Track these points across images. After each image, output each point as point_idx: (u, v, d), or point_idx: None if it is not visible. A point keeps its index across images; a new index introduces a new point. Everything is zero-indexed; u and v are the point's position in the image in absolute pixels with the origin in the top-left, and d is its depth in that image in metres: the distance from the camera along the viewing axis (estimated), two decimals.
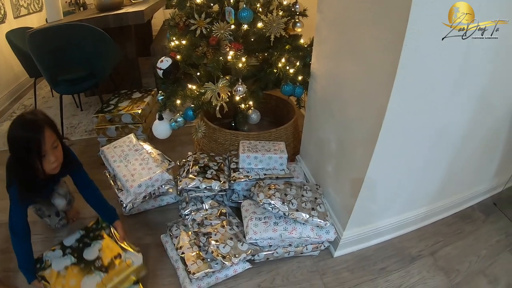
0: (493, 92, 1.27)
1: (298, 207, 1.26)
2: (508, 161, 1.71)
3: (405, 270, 1.42)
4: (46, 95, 2.89)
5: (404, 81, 0.95)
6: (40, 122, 1.07)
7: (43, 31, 1.94)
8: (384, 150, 1.10)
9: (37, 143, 1.06)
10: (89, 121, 2.35)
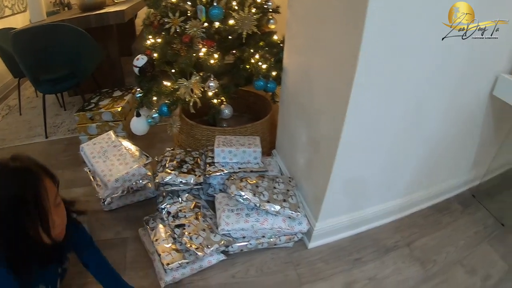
0: (464, 82, 1.34)
1: (270, 198, 1.34)
2: (484, 153, 1.80)
3: (380, 261, 1.50)
4: (31, 96, 2.98)
5: (365, 72, 1.03)
6: (35, 169, 0.83)
7: (26, 31, 2.04)
8: (349, 141, 1.18)
9: (37, 200, 0.79)
10: (72, 120, 2.43)
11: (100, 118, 1.96)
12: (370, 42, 0.97)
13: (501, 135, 1.73)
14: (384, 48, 1.02)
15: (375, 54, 1.01)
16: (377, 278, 1.42)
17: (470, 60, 1.27)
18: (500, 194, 1.96)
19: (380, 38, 0.99)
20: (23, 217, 0.78)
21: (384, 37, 1.00)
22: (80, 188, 1.79)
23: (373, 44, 0.98)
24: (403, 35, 1.03)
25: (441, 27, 1.10)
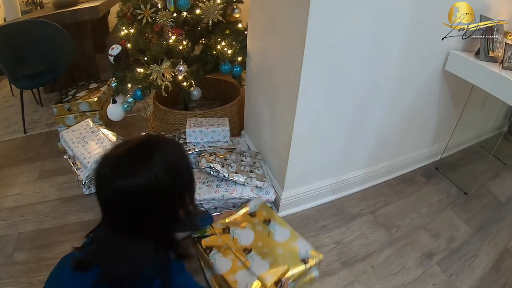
0: (418, 58, 1.56)
1: (237, 169, 1.55)
2: (445, 127, 2.05)
3: (346, 227, 1.72)
4: (6, 95, 3.12)
5: (313, 48, 1.23)
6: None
7: (3, 28, 2.24)
8: (304, 113, 1.40)
9: (190, 168, 0.82)
10: (50, 115, 2.60)
11: (77, 109, 2.13)
12: (315, 21, 1.18)
13: (459, 109, 1.97)
14: (330, 26, 1.23)
15: (321, 32, 1.22)
16: (343, 242, 1.64)
17: (423, 38, 1.50)
18: (463, 166, 2.22)
19: (326, 16, 1.19)
20: (178, 183, 0.79)
21: (331, 16, 1.20)
22: (61, 176, 1.98)
23: (318, 23, 1.19)
24: (349, 12, 1.23)
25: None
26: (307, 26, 1.18)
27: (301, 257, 1.30)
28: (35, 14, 2.67)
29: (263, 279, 1.18)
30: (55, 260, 1.50)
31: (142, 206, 0.75)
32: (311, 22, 1.18)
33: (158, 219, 0.79)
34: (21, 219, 1.72)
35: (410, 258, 1.59)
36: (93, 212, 1.74)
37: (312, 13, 1.16)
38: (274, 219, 1.45)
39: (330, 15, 1.20)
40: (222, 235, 1.34)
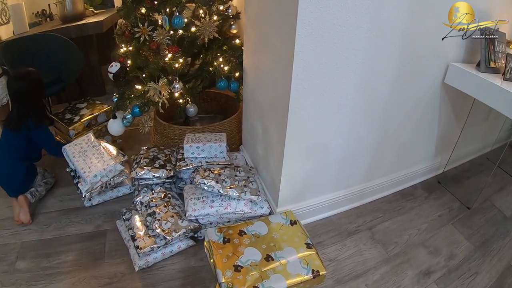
0: (416, 70, 1.55)
1: (231, 184, 1.59)
2: (447, 140, 2.03)
3: (342, 244, 1.72)
4: None
5: (302, 65, 1.25)
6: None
7: (15, 41, 2.40)
8: (295, 130, 1.42)
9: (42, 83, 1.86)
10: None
11: (96, 122, 2.19)
12: (304, 38, 1.20)
13: (461, 122, 1.95)
14: (320, 41, 1.23)
15: (310, 49, 1.23)
16: (338, 259, 1.65)
17: (421, 51, 1.50)
18: (467, 179, 2.19)
19: (315, 32, 1.20)
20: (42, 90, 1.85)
21: (319, 31, 1.21)
22: (63, 188, 2.04)
23: (307, 40, 1.20)
24: (340, 27, 1.24)
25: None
26: (294, 44, 1.21)
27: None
28: (44, 26, 2.78)
29: None
30: (54, 270, 1.60)
31: (23, 95, 1.76)
32: (299, 39, 1.20)
33: (28, 101, 1.78)
34: (24, 229, 1.80)
35: (407, 276, 1.59)
36: (93, 225, 1.81)
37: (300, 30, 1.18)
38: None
39: (319, 30, 1.22)
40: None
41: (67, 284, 1.52)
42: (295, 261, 1.41)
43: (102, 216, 1.85)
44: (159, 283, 1.54)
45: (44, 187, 1.93)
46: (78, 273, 1.58)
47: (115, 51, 2.74)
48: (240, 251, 1.44)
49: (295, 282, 1.35)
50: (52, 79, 2.41)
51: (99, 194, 1.88)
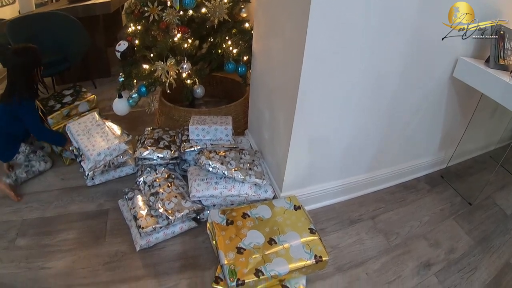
0: (425, 63, 1.53)
1: (236, 166, 1.58)
2: (452, 135, 2.01)
3: (344, 231, 1.71)
4: None
5: (313, 50, 1.24)
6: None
7: (21, 19, 2.37)
8: (303, 116, 1.41)
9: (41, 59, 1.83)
10: None
11: (77, 111, 2.11)
12: (316, 23, 1.18)
13: (467, 117, 1.93)
14: (331, 28, 1.22)
15: (321, 35, 1.22)
16: (340, 247, 1.65)
17: (430, 43, 1.48)
18: (470, 176, 2.18)
19: (327, 18, 1.19)
20: (37, 68, 1.80)
21: (331, 18, 1.20)
22: (66, 167, 2.03)
23: (318, 26, 1.19)
24: (350, 15, 1.22)
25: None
26: (307, 28, 1.19)
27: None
28: (50, 7, 2.75)
29: None
30: (55, 247, 1.58)
31: (18, 69, 1.76)
32: (311, 24, 1.18)
33: (22, 76, 1.77)
34: (25, 206, 1.79)
35: (407, 267, 1.58)
36: (95, 204, 1.79)
37: (312, 14, 1.17)
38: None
39: (330, 17, 1.20)
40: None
41: (67, 262, 1.51)
42: (298, 245, 1.40)
43: (104, 196, 1.83)
44: (159, 263, 1.52)
45: (24, 169, 1.89)
46: (79, 252, 1.56)
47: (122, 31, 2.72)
48: (243, 233, 1.42)
49: (298, 267, 1.33)
50: (57, 59, 2.39)
51: (101, 174, 1.86)
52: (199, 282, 1.45)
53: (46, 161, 1.96)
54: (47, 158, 1.97)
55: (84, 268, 1.49)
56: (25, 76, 1.76)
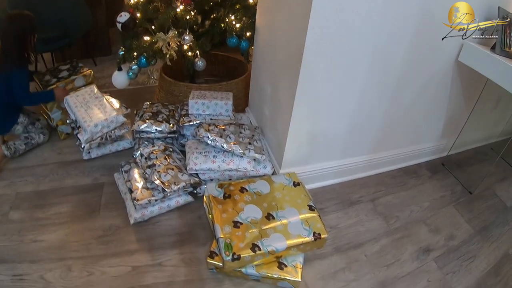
0: (430, 46, 1.49)
1: (236, 140, 1.53)
2: (455, 122, 1.99)
3: (343, 212, 1.69)
4: None
5: (317, 23, 1.20)
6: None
7: None
8: (306, 89, 1.37)
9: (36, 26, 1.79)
10: None
11: (73, 86, 2.02)
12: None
13: (471, 105, 1.91)
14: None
15: (327, 8, 1.18)
16: (339, 227, 1.62)
17: (438, 25, 1.44)
18: (471, 166, 2.15)
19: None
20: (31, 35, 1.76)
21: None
22: (63, 141, 1.99)
23: (324, 4, 1.16)
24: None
25: None
26: (311, 3, 1.16)
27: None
28: None
29: None
30: (48, 221, 1.54)
31: (12, 35, 1.72)
32: None
33: (16, 42, 1.72)
34: (20, 180, 1.75)
35: (407, 251, 1.55)
36: (90, 177, 1.76)
37: None
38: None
39: None
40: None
41: (59, 235, 1.48)
42: (296, 221, 1.36)
43: (100, 169, 1.80)
44: (154, 237, 1.49)
45: (23, 141, 1.84)
46: (72, 225, 1.53)
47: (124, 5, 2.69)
48: (241, 207, 1.39)
49: (296, 243, 1.30)
50: (57, 34, 2.34)
51: (98, 147, 1.81)
52: (193, 257, 1.42)
53: (44, 134, 1.92)
54: (45, 131, 1.93)
55: (77, 242, 1.46)
56: (18, 43, 1.71)
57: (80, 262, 1.38)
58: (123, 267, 1.37)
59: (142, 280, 1.33)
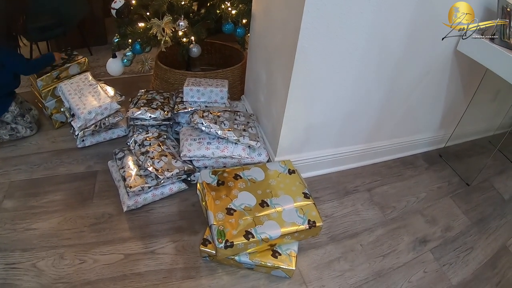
0: (428, 34, 1.46)
1: (230, 127, 1.51)
2: (453, 113, 1.96)
3: (339, 201, 1.67)
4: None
5: (314, 6, 1.16)
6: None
7: None
8: (301, 74, 1.34)
9: None
10: None
11: (67, 74, 1.97)
12: None
13: (469, 95, 1.88)
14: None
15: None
16: (334, 216, 1.59)
17: (437, 13, 1.41)
18: (468, 158, 2.13)
19: None
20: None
21: None
22: (57, 130, 1.96)
23: None
24: None
25: None
26: None
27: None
28: None
29: None
30: (41, 209, 1.51)
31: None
32: None
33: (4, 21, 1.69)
34: (13, 169, 1.72)
35: (403, 241, 1.54)
36: (84, 165, 1.73)
37: None
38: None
39: None
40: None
41: (52, 223, 1.46)
42: (291, 209, 1.34)
43: (94, 157, 1.77)
44: (147, 225, 1.47)
45: (8, 131, 1.80)
46: (65, 213, 1.50)
47: None
48: (234, 194, 1.36)
49: (290, 231, 1.27)
50: (52, 22, 2.31)
51: (92, 135, 1.79)
52: (186, 245, 1.40)
53: (32, 129, 1.87)
54: (34, 126, 1.88)
55: (69, 230, 1.44)
56: (7, 23, 1.69)
57: (73, 250, 1.36)
58: (116, 254, 1.35)
59: (135, 268, 1.31)
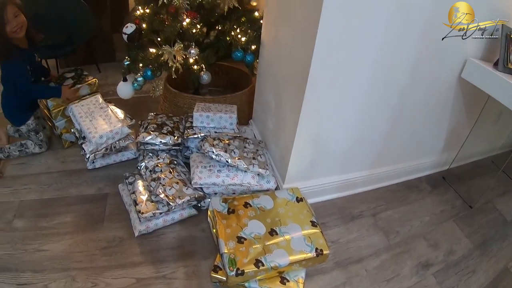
0: (433, 62, 1.50)
1: (240, 155, 1.54)
2: (456, 137, 1.99)
3: (345, 227, 1.69)
4: None
5: (324, 40, 1.21)
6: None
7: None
8: (311, 105, 1.37)
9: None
10: None
11: (78, 95, 1.97)
12: (329, 14, 1.15)
13: (472, 120, 1.91)
14: (343, 21, 1.20)
15: (333, 27, 1.19)
16: (340, 242, 1.62)
17: (441, 41, 1.44)
18: (471, 179, 2.16)
19: (340, 9, 1.17)
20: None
21: (344, 11, 1.17)
22: (67, 149, 1.99)
23: (331, 17, 1.16)
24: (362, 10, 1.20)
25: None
26: (320, 17, 1.16)
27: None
28: None
29: None
30: (52, 230, 1.54)
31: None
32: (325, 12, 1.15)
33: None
34: (23, 188, 1.75)
35: (406, 265, 1.56)
36: (94, 188, 1.76)
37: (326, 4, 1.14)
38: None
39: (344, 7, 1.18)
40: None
41: (63, 245, 1.48)
42: (299, 237, 1.37)
43: (104, 180, 1.80)
44: (158, 250, 1.49)
45: (18, 147, 1.86)
46: (76, 235, 1.53)
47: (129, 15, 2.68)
48: (245, 223, 1.40)
49: (298, 259, 1.31)
50: (62, 41, 2.35)
51: (102, 157, 1.82)
52: (197, 270, 1.42)
53: (41, 147, 1.91)
54: (44, 145, 1.92)
55: (81, 252, 1.46)
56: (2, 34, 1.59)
57: (84, 273, 1.38)
58: (127, 279, 1.38)
59: None
